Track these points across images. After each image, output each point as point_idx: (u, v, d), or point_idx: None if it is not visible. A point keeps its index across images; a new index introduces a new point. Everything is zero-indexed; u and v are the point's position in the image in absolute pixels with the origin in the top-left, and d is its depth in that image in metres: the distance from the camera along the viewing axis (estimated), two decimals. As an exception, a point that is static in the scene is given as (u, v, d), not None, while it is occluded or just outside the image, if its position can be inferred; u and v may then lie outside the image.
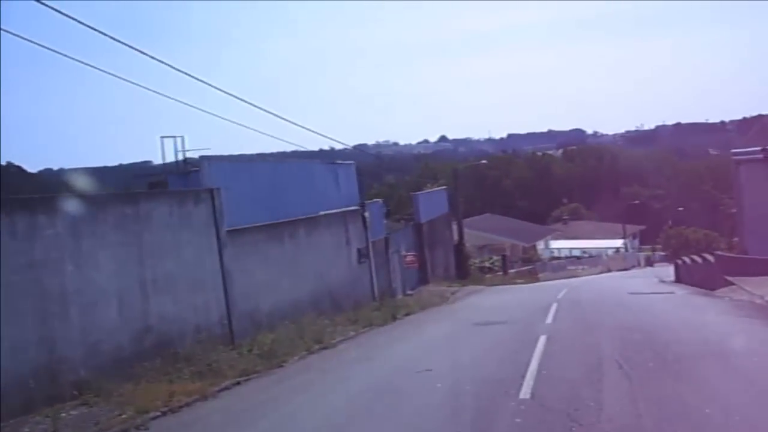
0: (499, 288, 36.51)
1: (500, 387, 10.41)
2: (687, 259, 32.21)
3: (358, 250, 26.42)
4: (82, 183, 18.96)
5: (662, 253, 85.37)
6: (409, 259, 33.25)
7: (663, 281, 36.21)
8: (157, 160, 21.50)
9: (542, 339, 14.34)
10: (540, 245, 67.50)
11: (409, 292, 33.08)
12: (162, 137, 18.90)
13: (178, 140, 19.34)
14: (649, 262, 75.92)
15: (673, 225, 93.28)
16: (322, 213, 23.87)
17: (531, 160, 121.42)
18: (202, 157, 18.00)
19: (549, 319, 18.34)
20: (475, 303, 27.41)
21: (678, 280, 34.64)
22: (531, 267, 51.70)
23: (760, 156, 28.90)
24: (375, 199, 30.82)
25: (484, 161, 64.40)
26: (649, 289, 28.36)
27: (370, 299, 26.81)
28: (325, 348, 17.00)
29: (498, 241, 61.76)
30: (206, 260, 16.66)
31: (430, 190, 40.69)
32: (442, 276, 38.81)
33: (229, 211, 17.78)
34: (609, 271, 63.79)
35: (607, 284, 34.31)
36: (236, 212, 18.51)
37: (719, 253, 26.61)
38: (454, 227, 43.70)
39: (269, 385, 12.76)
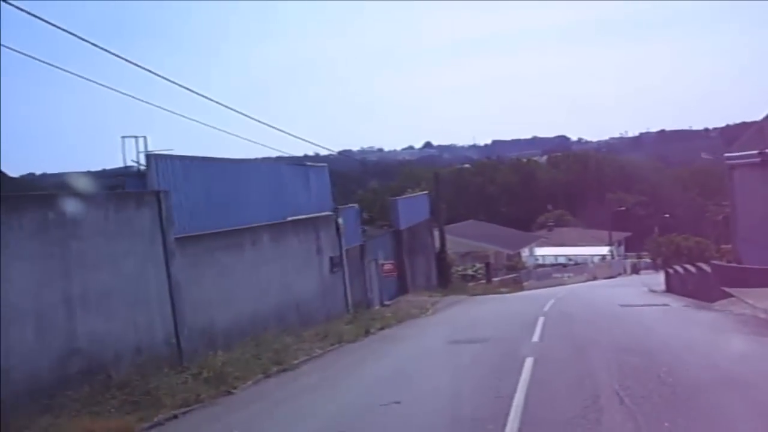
0: (481, 298, 34.71)
1: (479, 430, 8.57)
2: (679, 268, 30.55)
3: (331, 259, 24.53)
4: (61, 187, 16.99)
5: (648, 261, 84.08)
6: (386, 267, 31.41)
7: (653, 291, 34.56)
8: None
9: (528, 362, 12.50)
10: (525, 252, 65.85)
11: (386, 302, 31.24)
12: (123, 137, 16.96)
13: (140, 141, 17.54)
14: (635, 270, 74.49)
15: (659, 232, 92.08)
16: (290, 219, 21.99)
17: (515, 166, 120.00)
18: (149, 156, 16.02)
19: (535, 337, 16.52)
20: (455, 315, 25.59)
21: (669, 289, 33.00)
22: (515, 275, 50.00)
23: (757, 160, 27.29)
24: (350, 204, 28.90)
25: (467, 165, 62.03)
26: (641, 301, 26.67)
27: (343, 311, 24.93)
28: (285, 370, 15.14)
29: (482, 248, 60.02)
30: (150, 272, 14.68)
31: (410, 195, 38.86)
32: (423, 285, 36.98)
33: (180, 216, 15.88)
34: (595, 279, 62.22)
35: (595, 294, 32.59)
36: (189, 217, 16.61)
37: (716, 262, 24.97)
38: (436, 234, 41.88)
39: (207, 421, 10.84)
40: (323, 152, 39.95)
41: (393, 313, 27.52)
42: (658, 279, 53.08)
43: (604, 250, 74.68)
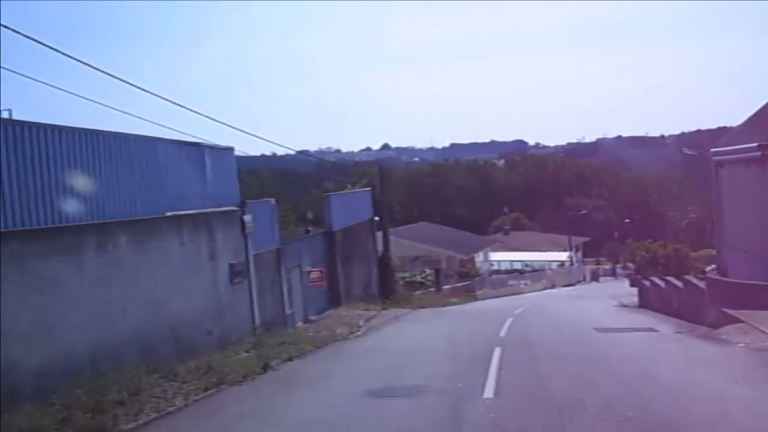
0: (428, 312, 29.45)
1: None
2: (658, 281, 25.74)
3: (231, 266, 19.02)
4: None
5: (607, 267, 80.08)
6: (313, 276, 25.98)
7: (624, 305, 29.78)
8: None
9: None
10: (479, 257, 60.95)
11: (312, 317, 25.82)
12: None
13: None
14: (595, 277, 70.29)
15: (619, 237, 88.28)
16: (169, 214, 16.45)
17: (472, 168, 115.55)
18: None
19: (489, 389, 11.23)
20: (389, 339, 20.27)
21: (644, 304, 28.25)
22: (468, 283, 44.98)
23: (757, 154, 22.48)
24: (265, 199, 23.42)
25: (416, 159, 55.94)
26: (617, 321, 21.80)
27: (248, 333, 19.44)
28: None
29: (433, 253, 54.94)
30: None
31: (348, 191, 33.40)
32: (361, 295, 31.62)
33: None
34: (553, 286, 57.62)
35: (559, 310, 27.63)
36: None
37: (711, 276, 20.20)
38: (380, 236, 36.60)
39: None
40: (281, 151, 35.57)
41: (315, 333, 22.15)
42: (623, 288, 48.71)
43: (563, 255, 70.32)
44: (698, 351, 14.43)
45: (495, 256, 66.49)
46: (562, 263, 67.69)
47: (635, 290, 42.81)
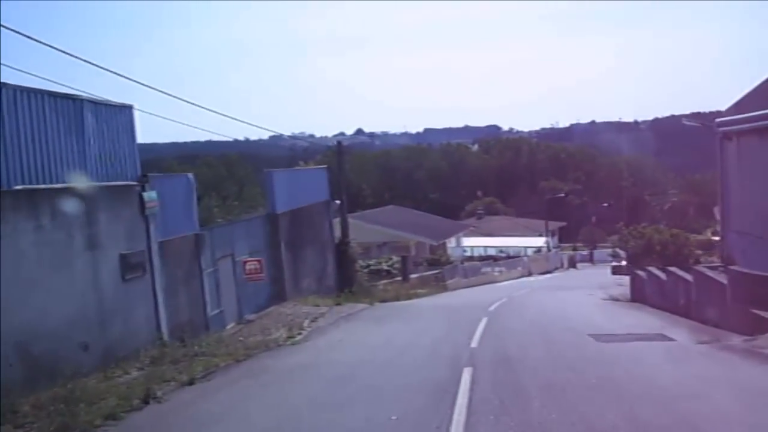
0: (388, 308, 25.09)
1: None
2: (658, 272, 21.55)
3: (123, 258, 14.50)
4: None
5: (584, 253, 76.39)
6: (250, 267, 21.50)
7: (614, 298, 25.66)
8: None
9: None
10: (451, 243, 56.66)
11: (249, 317, 21.37)
12: None
13: None
14: (572, 263, 66.52)
15: (596, 222, 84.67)
16: (17, 187, 11.87)
17: (445, 151, 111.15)
18: None
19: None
20: (327, 349, 15.87)
21: (638, 298, 24.14)
22: (438, 271, 40.67)
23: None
24: (181, 173, 18.84)
25: (390, 144, 50.24)
26: (615, 322, 17.60)
27: (150, 342, 14.98)
28: None
29: (401, 238, 50.57)
30: None
31: (298, 168, 28.80)
32: (314, 288, 27.20)
33: None
34: (530, 274, 53.61)
35: (542, 307, 23.30)
36: None
37: (735, 268, 16.08)
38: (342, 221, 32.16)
39: None
40: (253, 137, 31.46)
41: (245, 338, 17.78)
42: (606, 277, 44.83)
43: (539, 241, 66.36)
44: (748, 377, 10.19)
45: (468, 241, 62.25)
46: (538, 249, 63.70)
47: (621, 279, 38.99)
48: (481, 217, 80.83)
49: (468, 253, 59.86)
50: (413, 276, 38.93)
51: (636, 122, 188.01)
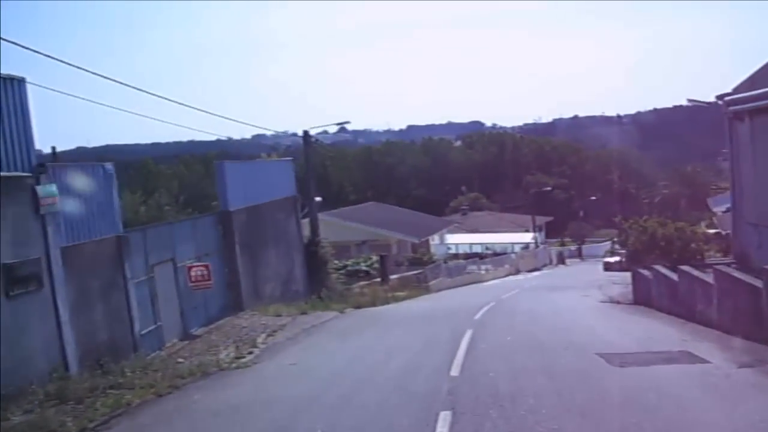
0: (359, 317, 21.93)
1: None
2: (666, 272, 18.48)
3: (8, 269, 11.27)
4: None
5: (572, 248, 73.64)
6: (195, 273, 18.29)
7: (616, 301, 22.64)
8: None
9: None
10: (434, 240, 53.57)
11: (196, 331, 18.21)
12: None
13: None
14: (561, 260, 63.67)
15: (584, 216, 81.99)
16: None
17: (428, 146, 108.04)
18: None
19: None
20: (278, 377, 12.71)
21: (642, 301, 21.12)
22: (420, 271, 37.50)
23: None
24: (97, 163, 15.52)
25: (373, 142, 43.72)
26: (624, 334, 14.55)
27: (47, 375, 11.76)
28: None
29: (382, 236, 47.45)
30: None
31: (257, 160, 25.51)
32: (279, 294, 24.02)
33: None
34: (518, 272, 50.61)
35: (535, 312, 20.11)
36: None
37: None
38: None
39: None
40: (236, 135, 28.30)
41: (184, 359, 14.68)
42: (598, 274, 41.85)
43: (527, 237, 63.42)
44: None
45: (452, 238, 59.19)
46: (526, 245, 60.72)
47: (615, 277, 36.02)
48: (466, 213, 77.85)
49: (452, 251, 56.83)
50: (393, 277, 35.79)
51: (619, 116, 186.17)
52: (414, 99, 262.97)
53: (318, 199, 57.01)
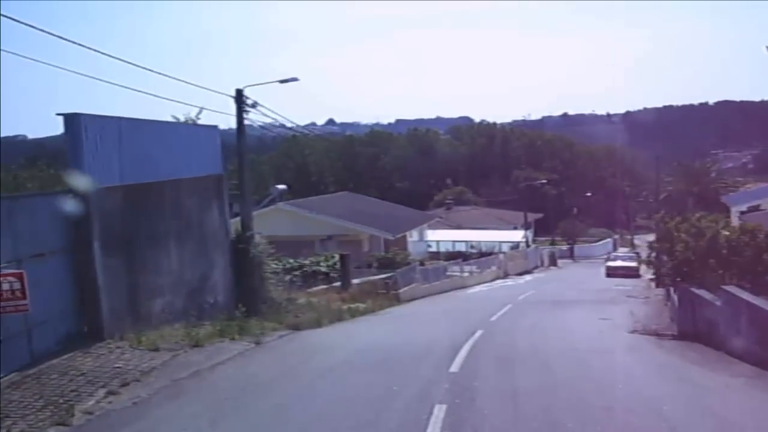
0: (280, 354, 14.43)
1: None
2: (761, 303, 11.34)
3: None
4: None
5: (563, 248, 66.80)
6: (4, 288, 10.91)
7: (656, 333, 15.51)
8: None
9: None
10: (412, 237, 46.28)
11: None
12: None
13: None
14: (553, 261, 56.66)
15: (580, 213, 75.20)
16: None
17: (413, 137, 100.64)
18: None
19: None
20: None
21: (688, 331, 14.04)
22: (389, 275, 30.00)
23: None
24: None
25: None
26: (705, 411, 7.37)
27: None
28: None
29: (351, 231, 40.22)
30: None
31: (156, 121, 17.90)
32: (180, 310, 16.65)
33: None
34: (506, 275, 43.47)
35: (546, 358, 12.65)
36: None
37: None
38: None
39: None
40: (224, 125, 20.83)
41: None
42: (598, 279, 35.11)
43: (516, 235, 56.27)
44: None
45: (433, 235, 51.88)
46: (515, 244, 53.45)
47: (623, 285, 29.46)
48: (450, 207, 70.53)
49: (433, 249, 49.56)
50: (356, 281, 28.50)
51: (608, 115, 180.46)
52: (404, 96, 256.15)
53: (282, 186, 49.79)
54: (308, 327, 18.71)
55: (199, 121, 19.45)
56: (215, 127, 19.77)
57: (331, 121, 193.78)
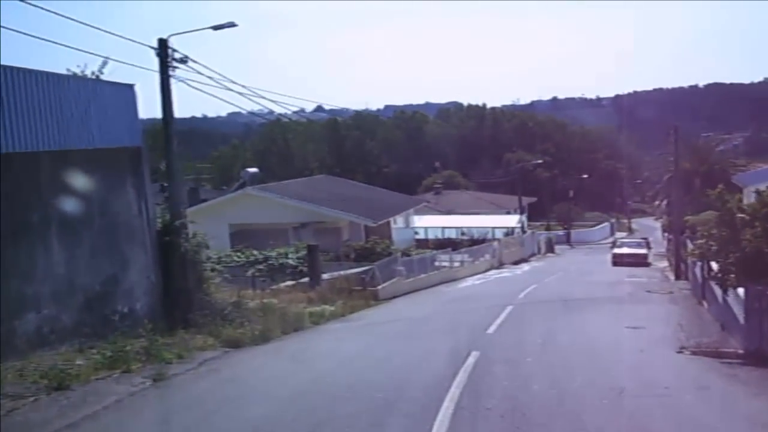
0: (182, 404, 9.69)
1: None
2: None
3: None
4: None
5: (559, 233, 62.50)
6: None
7: (715, 351, 11.05)
8: None
9: None
10: (397, 224, 41.74)
11: None
12: None
13: None
14: (550, 247, 52.27)
15: (574, 196, 70.82)
16: None
17: (400, 120, 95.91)
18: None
19: None
20: None
21: (756, 344, 9.57)
22: (367, 269, 25.31)
23: None
24: None
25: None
26: None
27: None
28: None
29: (329, 218, 35.68)
30: None
31: (40, 70, 13.30)
32: (69, 326, 12.10)
33: None
34: (501, 265, 39.03)
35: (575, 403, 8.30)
36: None
37: None
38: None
39: None
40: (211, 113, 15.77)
41: None
42: (605, 267, 30.80)
43: (511, 220, 51.78)
44: None
45: (422, 221, 47.30)
46: (510, 230, 48.86)
47: (637, 276, 25.46)
48: (440, 192, 65.93)
49: (420, 236, 45.00)
50: (326, 276, 23.92)
51: (598, 98, 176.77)
52: (393, 82, 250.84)
53: (253, 169, 45.01)
54: (251, 342, 14.21)
55: (103, 77, 14.65)
56: (131, 86, 15.03)
57: (319, 108, 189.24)
